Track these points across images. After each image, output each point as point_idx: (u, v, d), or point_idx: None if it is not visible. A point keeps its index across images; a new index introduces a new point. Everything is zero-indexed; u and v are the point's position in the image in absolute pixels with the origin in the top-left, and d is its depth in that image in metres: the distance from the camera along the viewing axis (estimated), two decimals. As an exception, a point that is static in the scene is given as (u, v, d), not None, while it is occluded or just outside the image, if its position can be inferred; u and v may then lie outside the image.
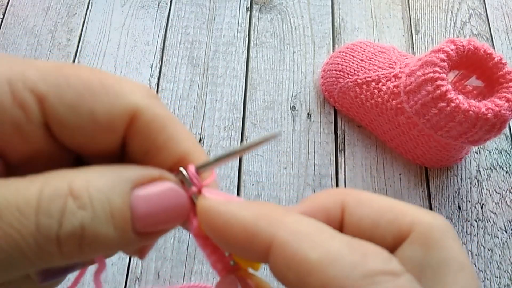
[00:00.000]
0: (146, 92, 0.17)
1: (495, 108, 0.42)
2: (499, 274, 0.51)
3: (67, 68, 0.16)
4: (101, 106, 0.16)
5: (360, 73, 0.55)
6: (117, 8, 0.67)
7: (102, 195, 0.15)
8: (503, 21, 0.68)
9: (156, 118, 0.17)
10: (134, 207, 0.15)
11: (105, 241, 0.15)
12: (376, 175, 0.56)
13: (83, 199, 0.14)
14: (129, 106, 0.16)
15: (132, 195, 0.15)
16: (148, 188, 0.16)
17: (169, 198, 0.16)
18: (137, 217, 0.15)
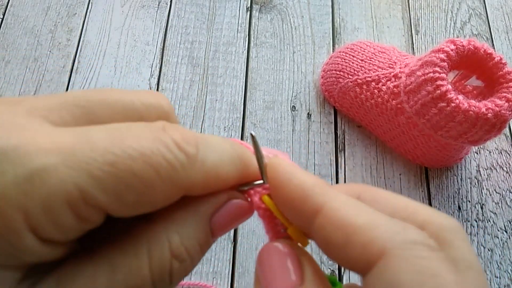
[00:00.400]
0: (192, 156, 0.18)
1: (495, 108, 0.42)
2: (499, 274, 0.51)
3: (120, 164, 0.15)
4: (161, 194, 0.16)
5: (360, 73, 0.55)
6: (117, 8, 0.67)
7: (194, 241, 0.17)
8: (503, 21, 0.68)
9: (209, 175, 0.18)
10: (212, 230, 0.18)
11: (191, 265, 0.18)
12: (376, 175, 0.56)
13: (183, 256, 0.17)
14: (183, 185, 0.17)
15: (211, 223, 0.18)
16: (221, 211, 0.18)
17: (237, 211, 0.19)
18: (214, 232, 0.18)
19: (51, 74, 0.61)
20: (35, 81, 0.61)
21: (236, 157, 0.18)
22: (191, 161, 0.16)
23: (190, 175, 0.16)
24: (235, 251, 0.51)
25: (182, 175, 0.16)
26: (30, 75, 0.61)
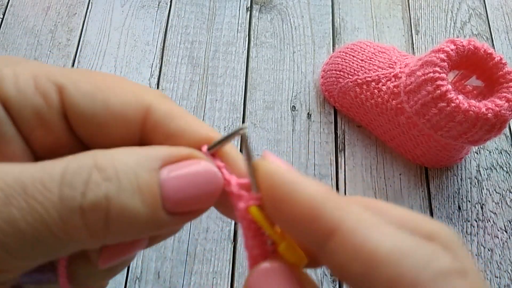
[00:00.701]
0: (159, 93, 0.18)
1: (495, 108, 0.42)
2: (499, 274, 0.51)
3: (86, 70, 0.17)
4: (115, 98, 0.16)
5: (360, 73, 0.55)
6: (117, 8, 0.67)
7: (128, 169, 0.14)
8: (503, 21, 0.68)
9: (170, 111, 0.17)
10: (164, 184, 0.15)
11: (133, 216, 0.14)
12: (376, 175, 0.56)
13: (108, 171, 0.14)
14: (144, 101, 0.17)
15: (162, 172, 0.15)
16: (179, 166, 0.15)
17: (202, 177, 0.16)
18: (167, 194, 0.15)
19: (51, 74, 0.61)
20: (35, 81, 0.61)
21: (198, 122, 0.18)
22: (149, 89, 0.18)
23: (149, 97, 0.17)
24: (235, 251, 0.51)
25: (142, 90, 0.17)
26: (30, 75, 0.61)
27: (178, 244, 0.51)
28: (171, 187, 0.15)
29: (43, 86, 0.16)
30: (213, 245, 0.51)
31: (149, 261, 0.50)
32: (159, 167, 0.15)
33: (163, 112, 0.17)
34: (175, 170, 0.15)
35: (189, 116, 0.18)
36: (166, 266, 0.50)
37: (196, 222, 0.52)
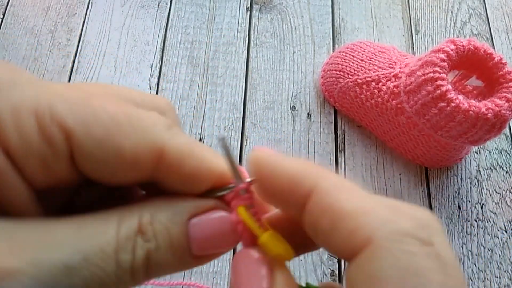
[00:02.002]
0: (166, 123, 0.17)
1: (495, 108, 0.42)
2: (499, 274, 0.51)
3: (94, 100, 0.16)
4: (127, 143, 0.16)
5: (360, 73, 0.55)
6: (117, 8, 0.67)
7: (163, 227, 0.17)
8: (503, 21, 0.68)
9: (183, 152, 0.17)
10: (190, 234, 0.17)
11: (167, 266, 0.17)
12: (376, 175, 0.56)
13: (149, 234, 0.16)
14: (156, 144, 0.17)
15: (189, 224, 0.17)
16: (203, 217, 0.18)
17: (219, 224, 0.18)
18: (193, 242, 0.17)
19: (51, 74, 0.61)
20: (35, 81, 0.61)
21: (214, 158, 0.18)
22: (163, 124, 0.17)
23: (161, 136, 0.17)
24: (235, 251, 0.51)
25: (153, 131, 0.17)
26: (30, 75, 0.61)
27: (178, 244, 0.51)
28: (196, 236, 0.17)
29: (48, 132, 0.15)
30: (213, 245, 0.51)
31: (149, 261, 0.50)
32: (188, 219, 0.17)
33: (176, 154, 0.17)
34: (200, 222, 0.17)
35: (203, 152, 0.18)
36: (166, 266, 0.50)
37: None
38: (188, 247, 0.17)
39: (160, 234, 0.17)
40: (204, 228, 0.17)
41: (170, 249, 0.17)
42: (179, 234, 0.17)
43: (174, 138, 0.17)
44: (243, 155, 0.56)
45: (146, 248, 0.16)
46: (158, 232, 0.17)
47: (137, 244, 0.16)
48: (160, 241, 0.17)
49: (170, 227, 0.17)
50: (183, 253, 0.17)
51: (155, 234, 0.17)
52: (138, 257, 0.16)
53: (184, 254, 0.17)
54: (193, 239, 0.17)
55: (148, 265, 0.16)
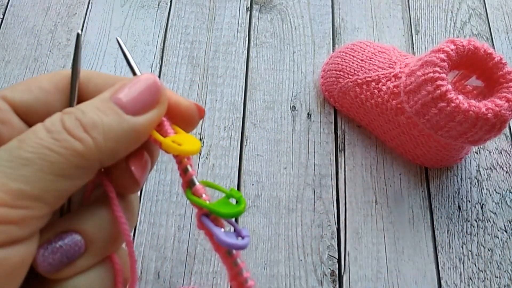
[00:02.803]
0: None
1: (495, 108, 0.42)
2: (499, 274, 0.51)
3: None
4: (45, 80, 0.22)
5: (360, 73, 0.55)
6: (117, 8, 0.67)
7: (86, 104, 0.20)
8: (503, 21, 0.68)
9: (86, 71, 0.22)
10: (114, 99, 0.20)
11: (104, 123, 0.19)
12: (376, 175, 0.56)
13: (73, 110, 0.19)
14: (65, 71, 0.22)
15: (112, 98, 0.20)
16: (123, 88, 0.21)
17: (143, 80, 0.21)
18: (122, 103, 0.20)
19: (51, 74, 0.61)
20: (35, 81, 0.61)
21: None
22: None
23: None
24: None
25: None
26: (30, 75, 0.61)
27: (178, 244, 0.51)
28: (122, 97, 0.20)
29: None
30: (213, 245, 0.51)
31: (149, 261, 0.50)
32: (109, 95, 0.20)
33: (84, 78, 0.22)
34: (119, 90, 0.20)
35: (103, 73, 0.23)
36: (166, 266, 0.50)
37: (196, 223, 0.52)
38: (118, 106, 0.20)
39: (84, 106, 0.19)
40: (126, 91, 0.20)
41: (99, 111, 0.19)
42: (104, 101, 0.20)
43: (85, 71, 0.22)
44: (243, 155, 0.56)
45: (73, 116, 0.19)
46: (82, 106, 0.19)
47: (64, 118, 0.19)
48: (85, 108, 0.19)
49: (94, 103, 0.20)
50: (114, 110, 0.19)
51: (79, 108, 0.19)
52: (67, 122, 0.18)
53: (118, 112, 0.19)
54: (120, 101, 0.20)
55: (83, 125, 0.18)
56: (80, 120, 0.18)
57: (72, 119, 0.18)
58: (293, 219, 0.53)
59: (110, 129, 0.19)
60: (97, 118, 0.19)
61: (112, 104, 0.19)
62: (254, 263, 0.50)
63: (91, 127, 0.18)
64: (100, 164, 0.19)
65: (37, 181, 0.17)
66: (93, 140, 0.18)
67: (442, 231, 0.53)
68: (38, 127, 0.18)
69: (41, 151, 0.17)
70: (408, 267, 0.51)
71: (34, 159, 0.17)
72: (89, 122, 0.18)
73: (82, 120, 0.18)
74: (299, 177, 0.55)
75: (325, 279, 0.50)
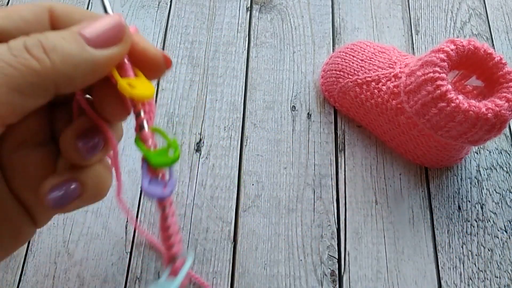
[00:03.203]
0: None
1: (495, 108, 0.42)
2: (499, 274, 0.51)
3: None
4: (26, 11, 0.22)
5: (360, 73, 0.55)
6: (117, 8, 0.67)
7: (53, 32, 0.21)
8: (503, 21, 0.68)
9: (67, 6, 0.23)
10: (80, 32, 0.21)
11: (64, 48, 0.20)
12: (376, 175, 0.56)
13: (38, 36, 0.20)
14: (46, 3, 0.23)
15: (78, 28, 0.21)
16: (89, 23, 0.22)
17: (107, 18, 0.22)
18: (85, 35, 0.21)
19: (51, 74, 0.61)
20: (35, 81, 0.61)
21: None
22: None
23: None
24: (235, 251, 0.51)
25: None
26: (30, 75, 0.61)
27: (178, 244, 0.51)
28: (87, 31, 0.21)
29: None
30: (213, 245, 0.51)
31: (149, 261, 0.50)
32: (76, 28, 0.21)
33: (62, 10, 0.23)
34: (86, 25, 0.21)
35: (83, 9, 0.24)
36: (166, 266, 0.50)
37: (196, 222, 0.52)
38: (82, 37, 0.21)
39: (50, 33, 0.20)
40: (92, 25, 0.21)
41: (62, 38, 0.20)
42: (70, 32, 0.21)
43: (61, 3, 0.23)
44: (243, 155, 0.56)
45: (36, 38, 0.19)
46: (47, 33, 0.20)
47: (27, 40, 0.19)
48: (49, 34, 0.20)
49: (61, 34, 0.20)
50: (78, 40, 0.20)
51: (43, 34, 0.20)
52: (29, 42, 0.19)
53: (80, 41, 0.20)
54: (84, 33, 0.21)
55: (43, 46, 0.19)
56: (41, 42, 0.19)
57: (34, 40, 0.19)
58: (293, 219, 0.53)
59: (69, 55, 0.20)
60: (59, 43, 0.20)
61: (77, 35, 0.20)
62: (254, 263, 0.50)
63: (51, 49, 0.19)
64: (55, 86, 0.20)
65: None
66: (50, 61, 0.19)
67: (442, 231, 0.53)
68: (0, 45, 0.19)
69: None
70: (408, 267, 0.51)
71: None
72: (50, 45, 0.19)
73: (43, 42, 0.19)
74: (299, 177, 0.55)
75: (325, 279, 0.50)
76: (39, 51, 0.19)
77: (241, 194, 0.54)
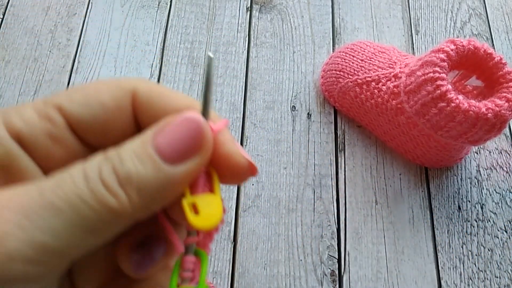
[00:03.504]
0: (141, 78, 0.21)
1: (495, 108, 0.42)
2: (499, 274, 0.51)
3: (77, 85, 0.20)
4: (107, 95, 0.19)
5: (360, 73, 0.55)
6: (117, 8, 0.67)
7: (127, 149, 0.18)
8: (503, 21, 0.68)
9: (152, 88, 0.20)
10: (155, 143, 0.18)
11: (140, 176, 0.17)
12: (376, 175, 0.56)
13: (113, 157, 0.17)
14: (129, 86, 0.20)
15: (153, 138, 0.18)
16: (165, 126, 0.18)
17: (186, 122, 0.18)
18: (161, 148, 0.18)
19: (51, 74, 0.61)
20: (35, 81, 0.61)
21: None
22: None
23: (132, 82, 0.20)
24: (235, 251, 0.51)
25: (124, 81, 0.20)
26: (30, 75, 0.61)
27: (178, 244, 0.51)
28: (163, 142, 0.18)
29: (44, 112, 0.19)
30: (213, 245, 0.51)
31: (149, 261, 0.50)
32: (151, 139, 0.18)
33: (147, 91, 0.20)
34: (162, 130, 0.18)
35: (172, 92, 0.21)
36: (166, 266, 0.50)
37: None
38: (158, 154, 0.18)
39: (124, 151, 0.18)
40: (167, 133, 0.18)
41: (137, 159, 0.17)
42: (143, 146, 0.18)
43: (146, 83, 0.20)
44: (243, 155, 0.56)
45: (110, 164, 0.17)
46: (122, 152, 0.18)
47: (102, 164, 0.17)
48: (124, 155, 0.17)
49: (133, 146, 0.18)
50: (153, 159, 0.18)
51: (118, 154, 0.17)
52: (104, 171, 0.17)
53: (155, 160, 0.18)
54: (160, 146, 0.18)
55: (119, 179, 0.17)
56: (116, 171, 0.17)
57: (109, 169, 0.17)
58: (293, 219, 0.53)
59: (145, 184, 0.17)
60: (134, 169, 0.17)
61: (152, 150, 0.18)
62: (254, 263, 0.50)
63: (126, 181, 0.17)
64: (133, 221, 0.18)
65: (65, 236, 0.16)
66: (127, 197, 0.17)
67: (442, 231, 0.53)
68: (76, 171, 0.17)
69: (75, 201, 0.16)
70: (408, 267, 0.51)
71: (66, 209, 0.16)
72: (125, 175, 0.17)
73: (119, 172, 0.17)
74: (299, 177, 0.55)
75: (325, 279, 0.50)
76: (114, 184, 0.17)
77: (241, 194, 0.54)
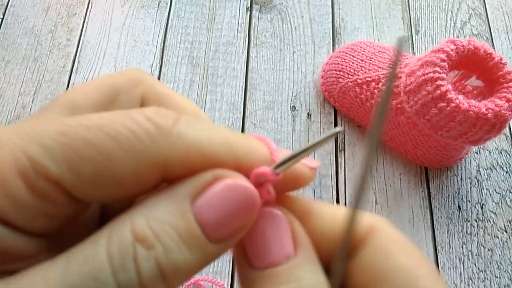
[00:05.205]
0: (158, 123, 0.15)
1: (495, 108, 0.42)
2: (499, 274, 0.51)
3: (71, 132, 0.14)
4: (123, 169, 0.14)
5: (360, 73, 0.55)
6: (117, 8, 0.67)
7: (164, 225, 0.14)
8: (503, 21, 0.68)
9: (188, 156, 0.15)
10: (199, 219, 0.15)
11: (187, 266, 0.14)
12: (376, 175, 0.56)
13: (149, 239, 0.14)
14: (155, 161, 0.15)
15: (194, 208, 0.15)
16: (207, 193, 0.15)
17: (228, 193, 0.15)
18: (207, 227, 0.15)
19: (51, 74, 0.61)
20: (35, 81, 0.61)
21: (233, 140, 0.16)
22: (162, 132, 0.14)
23: (163, 149, 0.14)
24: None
25: (151, 147, 0.14)
26: (30, 75, 0.61)
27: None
28: (208, 218, 0.15)
29: (38, 188, 0.14)
30: (213, 245, 0.51)
31: (149, 261, 0.50)
32: (190, 204, 0.15)
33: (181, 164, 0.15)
34: (206, 200, 0.15)
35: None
36: (166, 266, 0.50)
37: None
38: (204, 233, 0.15)
39: (164, 233, 0.14)
40: (213, 205, 0.15)
41: (184, 245, 0.14)
42: (186, 225, 0.14)
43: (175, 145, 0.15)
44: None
45: (153, 256, 0.14)
46: (161, 233, 0.14)
47: (138, 255, 0.14)
48: (168, 241, 0.14)
49: (173, 223, 0.14)
50: (200, 244, 0.14)
51: (157, 236, 0.14)
52: (146, 270, 0.13)
53: (202, 244, 0.15)
54: (205, 222, 0.15)
55: (164, 275, 0.14)
56: (160, 265, 0.14)
57: (152, 263, 0.14)
58: (293, 219, 0.53)
59: (191, 270, 0.14)
60: (182, 260, 0.14)
61: (196, 228, 0.14)
62: (254, 263, 0.50)
63: (173, 273, 0.14)
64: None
65: None
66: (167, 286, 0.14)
67: (442, 231, 0.53)
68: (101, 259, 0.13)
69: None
70: (408, 267, 0.51)
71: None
72: (172, 269, 0.14)
73: (164, 267, 0.14)
74: (299, 177, 0.55)
75: (325, 279, 0.50)
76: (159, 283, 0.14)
77: (241, 194, 0.54)
